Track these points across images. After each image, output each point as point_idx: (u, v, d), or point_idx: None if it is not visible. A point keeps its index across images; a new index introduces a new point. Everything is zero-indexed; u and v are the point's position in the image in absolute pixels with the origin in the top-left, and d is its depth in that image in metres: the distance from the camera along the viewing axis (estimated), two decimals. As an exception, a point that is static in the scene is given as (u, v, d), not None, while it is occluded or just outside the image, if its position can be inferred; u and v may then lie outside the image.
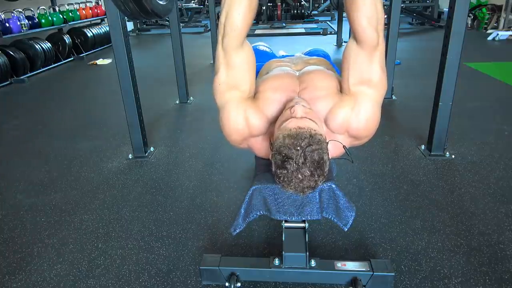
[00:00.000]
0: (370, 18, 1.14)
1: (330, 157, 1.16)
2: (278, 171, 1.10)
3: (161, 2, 1.51)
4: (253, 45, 1.77)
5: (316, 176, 1.08)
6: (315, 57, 1.64)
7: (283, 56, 1.72)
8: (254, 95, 1.31)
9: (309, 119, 1.13)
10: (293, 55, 1.71)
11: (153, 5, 1.41)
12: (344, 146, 1.24)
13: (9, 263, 1.65)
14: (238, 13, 1.16)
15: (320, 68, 1.39)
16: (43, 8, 5.67)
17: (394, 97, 3.57)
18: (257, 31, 8.39)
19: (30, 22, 5.23)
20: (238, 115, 1.26)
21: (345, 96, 1.25)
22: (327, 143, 1.14)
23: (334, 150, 1.26)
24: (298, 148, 1.06)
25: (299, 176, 1.07)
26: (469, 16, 7.34)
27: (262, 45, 1.99)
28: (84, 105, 3.93)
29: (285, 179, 1.09)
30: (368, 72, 1.22)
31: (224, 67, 1.25)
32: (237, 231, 1.36)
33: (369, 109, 1.23)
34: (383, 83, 1.24)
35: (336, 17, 7.29)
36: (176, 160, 2.55)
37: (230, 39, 1.20)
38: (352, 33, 1.21)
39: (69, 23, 6.20)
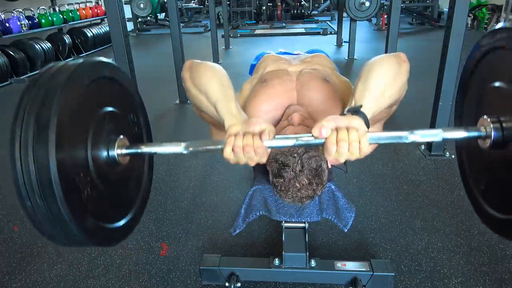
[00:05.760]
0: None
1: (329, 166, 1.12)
2: (275, 179, 1.06)
3: None
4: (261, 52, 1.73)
5: (314, 184, 1.04)
6: (314, 53, 1.54)
7: (281, 53, 1.66)
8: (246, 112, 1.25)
9: (307, 127, 1.10)
10: (293, 54, 1.65)
11: None
12: None
13: (9, 263, 1.65)
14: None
15: (317, 81, 1.24)
16: (43, 8, 5.67)
17: (394, 97, 3.57)
18: (257, 31, 8.40)
19: (30, 22, 5.23)
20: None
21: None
22: None
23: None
24: (295, 155, 1.02)
25: (297, 184, 1.03)
26: (469, 16, 7.34)
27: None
28: (84, 105, 3.92)
29: (282, 188, 1.05)
30: None
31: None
32: (237, 231, 1.35)
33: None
34: None
35: (336, 17, 7.29)
36: (176, 160, 2.55)
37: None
38: None
39: (69, 23, 6.20)
